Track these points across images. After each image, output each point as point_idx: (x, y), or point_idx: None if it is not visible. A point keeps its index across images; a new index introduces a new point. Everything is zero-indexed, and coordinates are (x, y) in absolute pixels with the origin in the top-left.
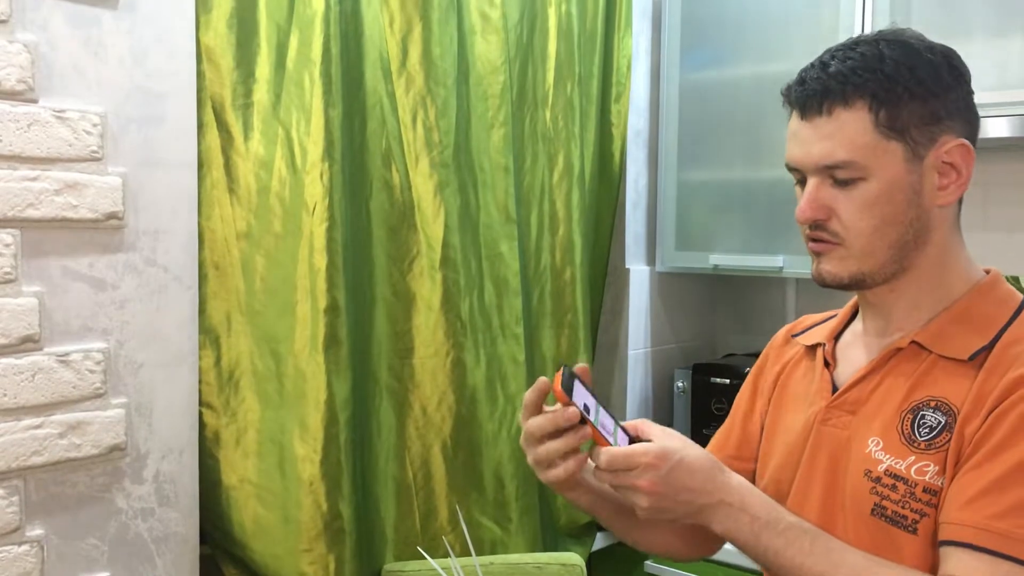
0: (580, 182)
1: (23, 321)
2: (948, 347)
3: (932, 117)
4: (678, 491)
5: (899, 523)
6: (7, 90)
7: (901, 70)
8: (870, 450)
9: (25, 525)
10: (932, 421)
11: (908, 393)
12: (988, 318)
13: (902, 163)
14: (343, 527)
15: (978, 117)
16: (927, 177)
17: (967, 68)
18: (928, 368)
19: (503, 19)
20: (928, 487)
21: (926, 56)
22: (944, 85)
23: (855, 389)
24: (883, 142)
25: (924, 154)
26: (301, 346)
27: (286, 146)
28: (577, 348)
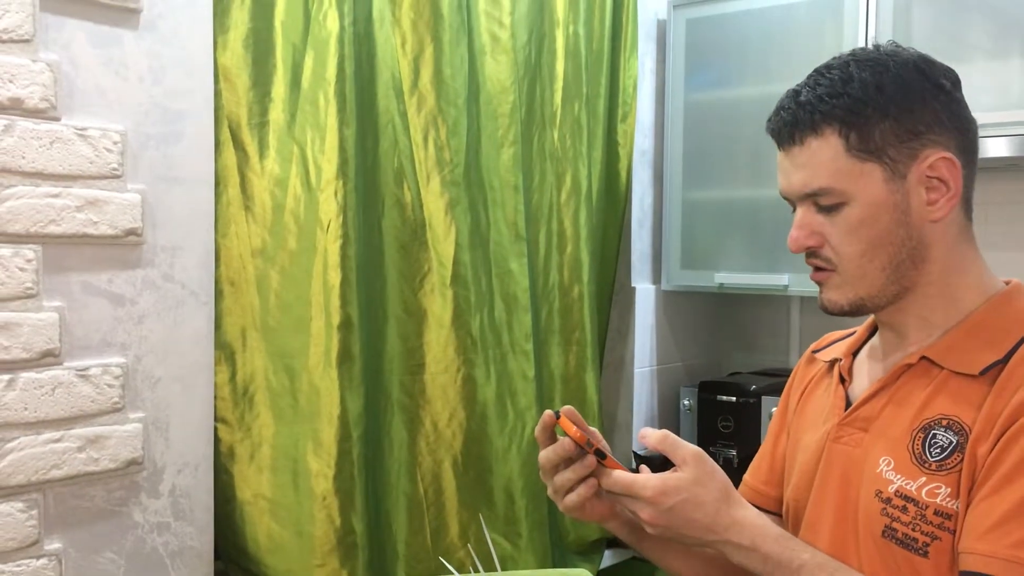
0: (588, 201)
1: (44, 335)
2: (959, 362)
3: (909, 133)
4: (682, 525)
5: (910, 546)
6: (31, 108)
7: (869, 90)
8: (881, 469)
9: (44, 539)
10: (943, 441)
11: (919, 410)
12: (1003, 331)
13: (882, 184)
14: (356, 542)
15: (968, 123)
16: (914, 194)
17: (949, 76)
18: (940, 384)
19: (512, 40)
20: (939, 510)
21: (894, 72)
22: (918, 98)
23: (867, 406)
24: (858, 165)
25: (906, 171)
26: (315, 362)
27: (301, 164)
28: (585, 365)
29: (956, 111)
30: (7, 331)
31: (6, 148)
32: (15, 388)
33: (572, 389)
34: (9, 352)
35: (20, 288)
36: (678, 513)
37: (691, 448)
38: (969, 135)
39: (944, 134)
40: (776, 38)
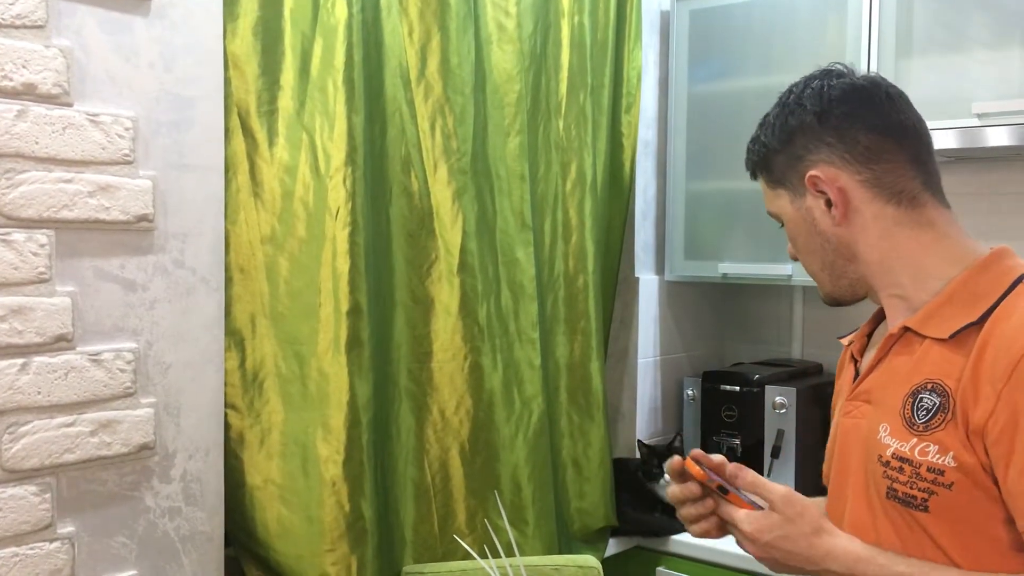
0: (592, 191)
1: (57, 320)
2: (935, 329)
3: (794, 159)
4: (782, 557)
5: (910, 503)
6: (43, 94)
7: (764, 133)
8: (880, 436)
9: (57, 522)
10: (928, 403)
11: (908, 377)
12: (978, 295)
13: (790, 204)
14: (365, 527)
15: (858, 124)
16: (814, 208)
17: (856, 88)
18: (923, 352)
19: (518, 29)
20: (931, 466)
21: (783, 111)
22: (796, 130)
23: (867, 380)
24: (774, 194)
25: (802, 191)
26: (324, 348)
27: (310, 151)
28: (590, 354)
29: (838, 122)
30: (21, 315)
31: (20, 133)
32: (29, 372)
33: (577, 378)
34: (23, 336)
35: (34, 273)
36: (776, 547)
37: (780, 490)
38: (865, 141)
39: (824, 151)
40: (779, 29)
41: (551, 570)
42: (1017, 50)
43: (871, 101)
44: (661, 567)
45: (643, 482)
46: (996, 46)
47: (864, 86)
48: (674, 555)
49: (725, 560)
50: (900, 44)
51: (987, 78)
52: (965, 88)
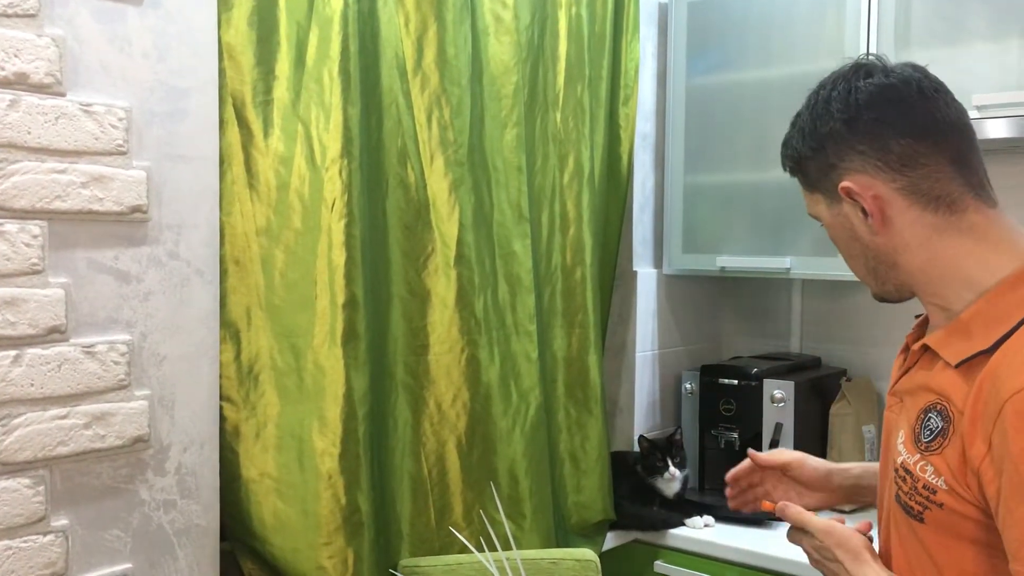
0: (590, 183)
1: (50, 312)
2: (948, 351)
3: (827, 167)
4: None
5: (910, 512)
6: (36, 83)
7: (795, 139)
8: (897, 442)
9: (50, 515)
10: (933, 425)
11: (924, 393)
12: (995, 321)
13: (827, 209)
14: (362, 520)
15: (886, 139)
16: (851, 216)
17: (888, 87)
18: (940, 370)
19: (515, 20)
20: (927, 484)
21: (806, 116)
22: (822, 137)
23: (902, 381)
24: (812, 197)
25: (838, 198)
26: (320, 341)
27: (305, 143)
28: (587, 348)
29: (868, 129)
30: (13, 307)
31: (12, 123)
32: (21, 364)
33: (575, 371)
34: (15, 328)
35: (26, 264)
36: (825, 567)
37: (821, 523)
38: (899, 148)
39: (856, 160)
40: (778, 21)
41: (548, 564)
42: (1016, 41)
43: (903, 102)
44: (659, 561)
45: (642, 476)
46: (994, 38)
47: (895, 85)
48: (672, 549)
49: (722, 554)
50: (899, 36)
51: (986, 70)
52: (964, 80)
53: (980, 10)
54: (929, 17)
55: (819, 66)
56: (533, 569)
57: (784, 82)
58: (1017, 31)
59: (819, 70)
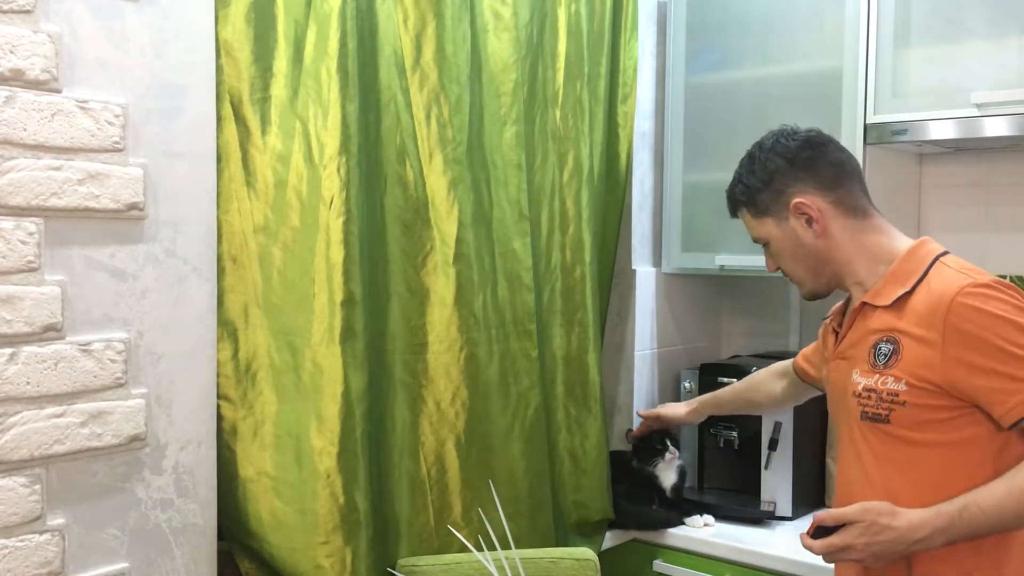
0: (590, 181)
1: (46, 310)
2: (880, 300)
3: (777, 194)
4: (882, 547)
5: (877, 419)
6: (32, 80)
7: (751, 178)
8: (854, 379)
9: (47, 514)
10: (885, 350)
11: (868, 336)
12: (908, 273)
13: (776, 229)
14: (360, 519)
15: (823, 165)
16: (798, 228)
17: (808, 140)
18: (876, 316)
19: (514, 17)
20: (890, 391)
21: (760, 160)
22: (775, 169)
23: (842, 343)
24: (761, 223)
25: (785, 216)
26: (318, 339)
27: (303, 140)
28: (587, 346)
29: (804, 164)
30: (9, 305)
31: (7, 120)
32: (17, 362)
33: (574, 370)
34: (11, 326)
35: (22, 261)
36: (874, 543)
37: (853, 507)
38: (823, 171)
39: (800, 184)
40: (777, 20)
41: (547, 563)
42: (1014, 40)
43: (822, 146)
44: (658, 560)
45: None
46: (993, 36)
47: (813, 137)
48: (671, 548)
49: (722, 553)
50: (898, 34)
51: (985, 68)
52: (963, 78)
53: (979, 9)
54: (928, 15)
55: (818, 64)
56: (532, 568)
57: (783, 80)
58: (1016, 29)
59: (818, 69)
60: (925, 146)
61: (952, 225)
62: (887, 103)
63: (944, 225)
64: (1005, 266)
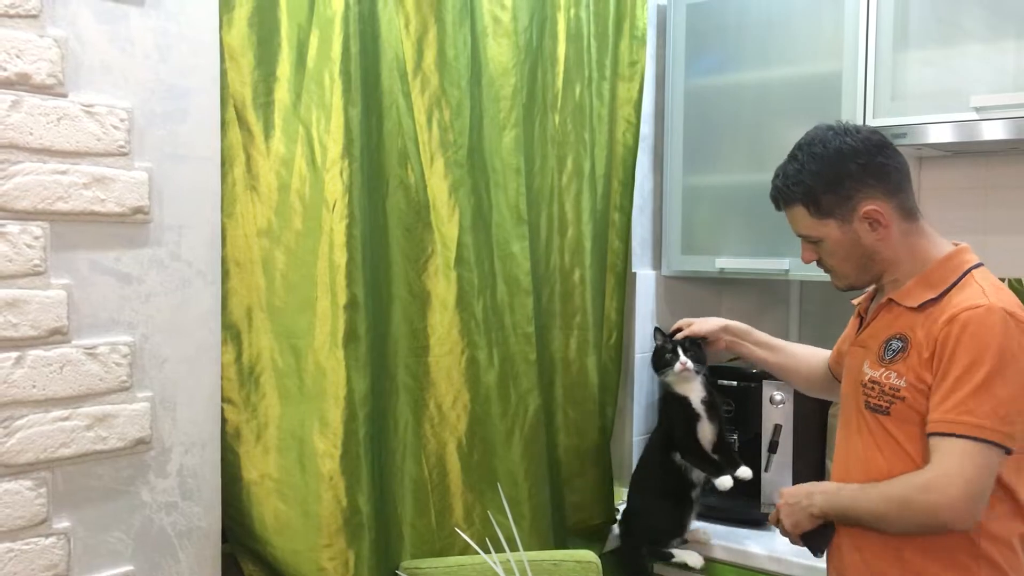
0: (590, 185)
1: (52, 313)
2: (908, 300)
3: (846, 197)
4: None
5: (878, 409)
6: (38, 84)
7: (816, 178)
8: (863, 368)
9: (52, 517)
10: (895, 347)
11: (886, 331)
12: (940, 279)
13: (837, 231)
14: (362, 522)
15: (888, 168)
16: (860, 231)
17: (871, 142)
18: (898, 315)
19: (514, 22)
20: (891, 386)
21: (828, 159)
22: (847, 173)
23: (864, 332)
24: (820, 223)
25: (851, 219)
26: (321, 342)
27: (306, 144)
28: (586, 349)
29: (874, 169)
30: (15, 308)
31: (14, 124)
32: (23, 366)
33: (574, 373)
34: (17, 329)
35: (28, 265)
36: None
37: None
38: (891, 177)
39: (869, 189)
40: (776, 24)
41: (550, 565)
42: (1012, 43)
43: (888, 148)
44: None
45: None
46: (991, 39)
47: (879, 139)
48: None
49: (722, 554)
50: (897, 38)
51: (983, 72)
52: (962, 82)
53: (977, 12)
54: (927, 19)
55: (817, 68)
56: (535, 570)
57: (782, 84)
58: (1013, 33)
59: (817, 72)
60: (924, 149)
61: (951, 228)
62: (886, 106)
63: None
64: (1003, 269)
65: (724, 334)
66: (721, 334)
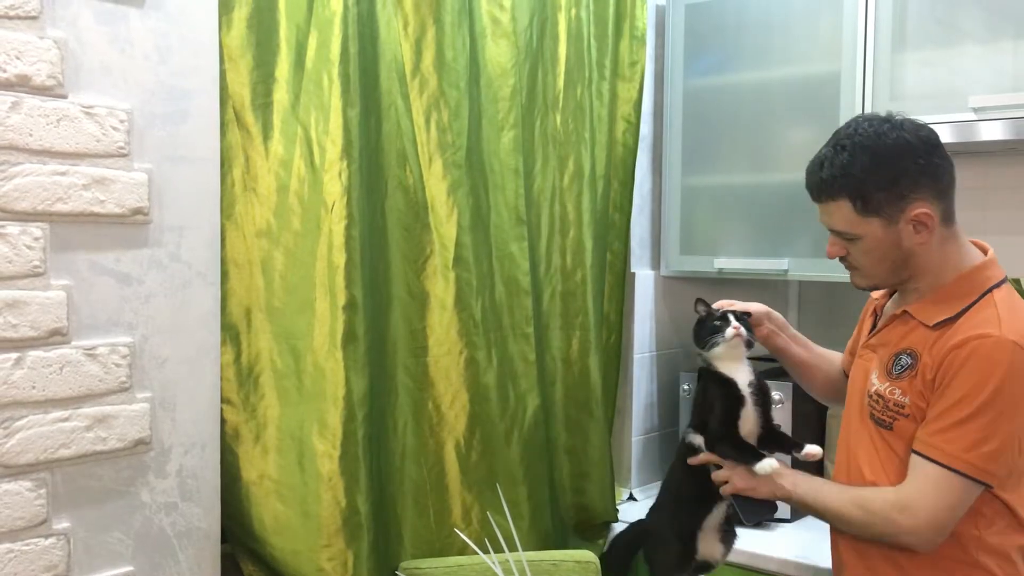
0: (591, 185)
1: (52, 314)
2: (924, 316)
3: (898, 196)
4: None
5: (881, 423)
6: (38, 85)
7: (868, 173)
8: (871, 378)
9: (52, 518)
10: (904, 362)
11: (897, 343)
12: (959, 297)
13: (881, 230)
14: (361, 523)
15: (941, 170)
16: (904, 233)
17: (929, 141)
18: (911, 329)
19: (513, 23)
20: (895, 402)
21: (884, 154)
22: (903, 172)
23: (875, 337)
24: (863, 220)
25: (897, 220)
26: (320, 343)
27: (305, 145)
28: (588, 350)
29: (931, 170)
30: (15, 309)
31: (13, 125)
32: (23, 366)
33: (575, 373)
34: (17, 330)
35: (28, 266)
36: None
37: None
38: (943, 179)
39: (922, 191)
40: (775, 24)
41: (549, 565)
42: (1009, 44)
43: (941, 148)
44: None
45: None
46: (990, 40)
47: (935, 137)
48: None
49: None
50: (895, 39)
51: (981, 72)
52: (960, 82)
53: (975, 13)
54: (925, 19)
55: (816, 69)
56: (534, 570)
57: (781, 84)
58: (1011, 33)
59: (815, 73)
60: None
61: None
62: (884, 107)
63: None
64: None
65: (767, 321)
66: (765, 319)
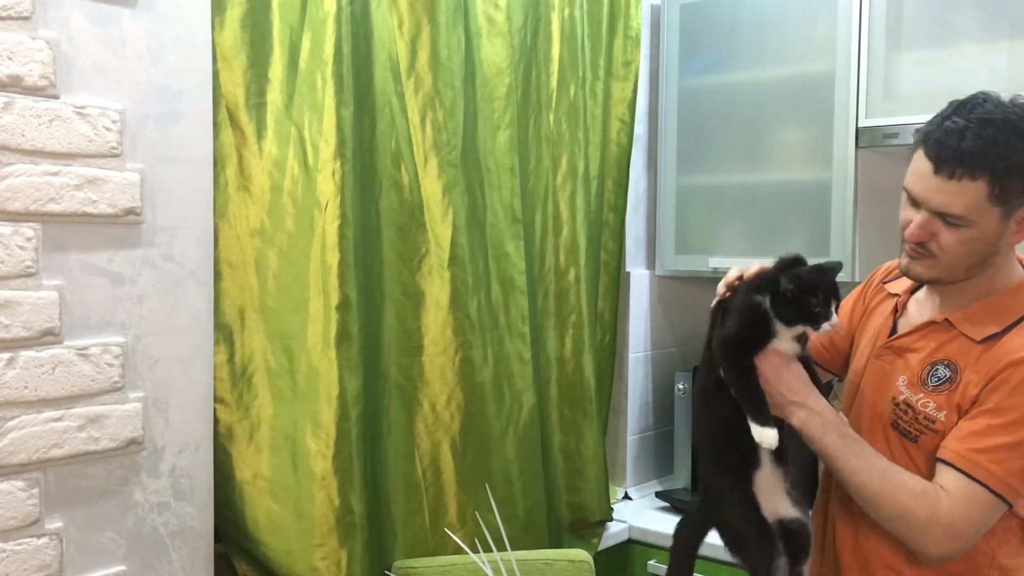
0: (584, 184)
1: (44, 314)
2: (969, 329)
3: None
4: (779, 383)
5: (907, 435)
6: (30, 86)
7: (1012, 156)
8: (898, 384)
9: (44, 518)
10: (941, 374)
11: (932, 353)
12: (1008, 311)
13: (997, 221)
14: (355, 522)
15: None
16: (1008, 231)
17: None
18: (951, 339)
19: (508, 22)
20: (926, 415)
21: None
22: None
23: (904, 339)
24: (990, 207)
25: (1012, 215)
26: (313, 342)
27: (299, 145)
28: (582, 349)
29: None
30: (7, 309)
31: (5, 126)
32: (15, 366)
33: (569, 372)
34: (9, 330)
35: (20, 266)
36: (783, 373)
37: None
38: None
39: None
40: (770, 23)
41: (542, 564)
42: (1005, 43)
43: None
44: (652, 560)
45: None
46: (985, 40)
47: None
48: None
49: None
50: (890, 38)
51: (976, 72)
52: (955, 82)
53: (970, 12)
54: (920, 19)
55: (811, 68)
56: (527, 570)
57: (776, 84)
58: (1007, 33)
59: (810, 72)
60: None
61: None
62: (879, 106)
63: None
64: None
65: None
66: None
